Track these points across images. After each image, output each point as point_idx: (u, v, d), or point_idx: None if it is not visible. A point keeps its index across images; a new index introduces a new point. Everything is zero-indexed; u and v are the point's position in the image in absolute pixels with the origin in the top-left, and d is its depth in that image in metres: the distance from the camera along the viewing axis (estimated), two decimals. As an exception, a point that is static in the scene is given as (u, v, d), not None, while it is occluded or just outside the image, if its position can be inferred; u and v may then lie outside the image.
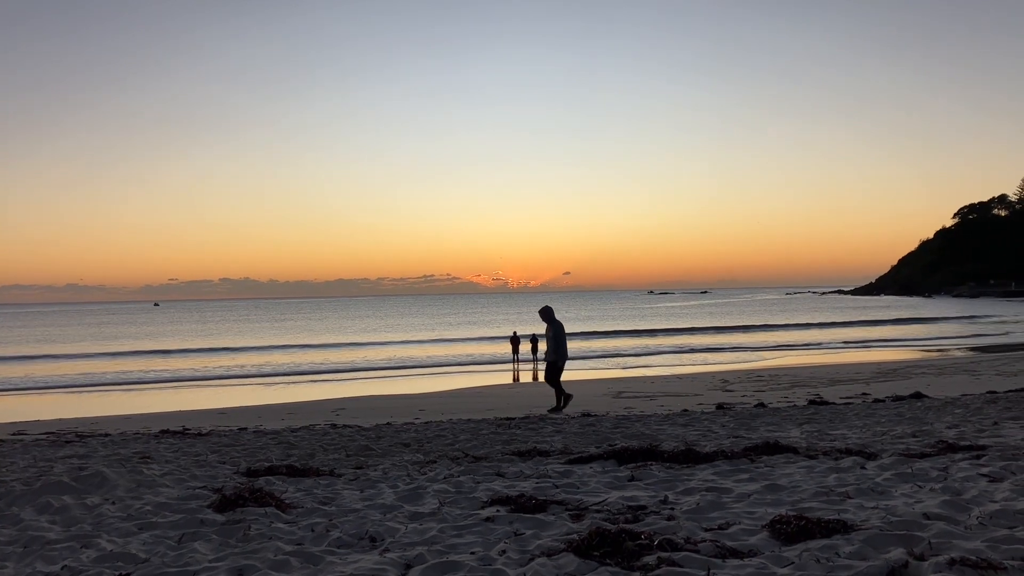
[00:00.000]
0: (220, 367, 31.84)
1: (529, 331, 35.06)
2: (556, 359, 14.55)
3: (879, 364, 26.16)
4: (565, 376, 14.83)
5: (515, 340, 32.21)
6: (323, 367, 32.17)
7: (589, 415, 12.94)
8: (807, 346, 38.64)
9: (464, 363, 33.41)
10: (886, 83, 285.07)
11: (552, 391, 14.88)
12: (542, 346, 32.74)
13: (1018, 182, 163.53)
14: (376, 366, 32.66)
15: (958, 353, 31.78)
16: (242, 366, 32.43)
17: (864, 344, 39.18)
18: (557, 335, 14.53)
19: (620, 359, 33.59)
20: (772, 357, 32.59)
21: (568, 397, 14.62)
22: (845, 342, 40.57)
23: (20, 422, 15.08)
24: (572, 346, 16.16)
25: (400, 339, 50.96)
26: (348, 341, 48.46)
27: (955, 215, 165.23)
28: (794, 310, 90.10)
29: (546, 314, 14.92)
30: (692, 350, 37.34)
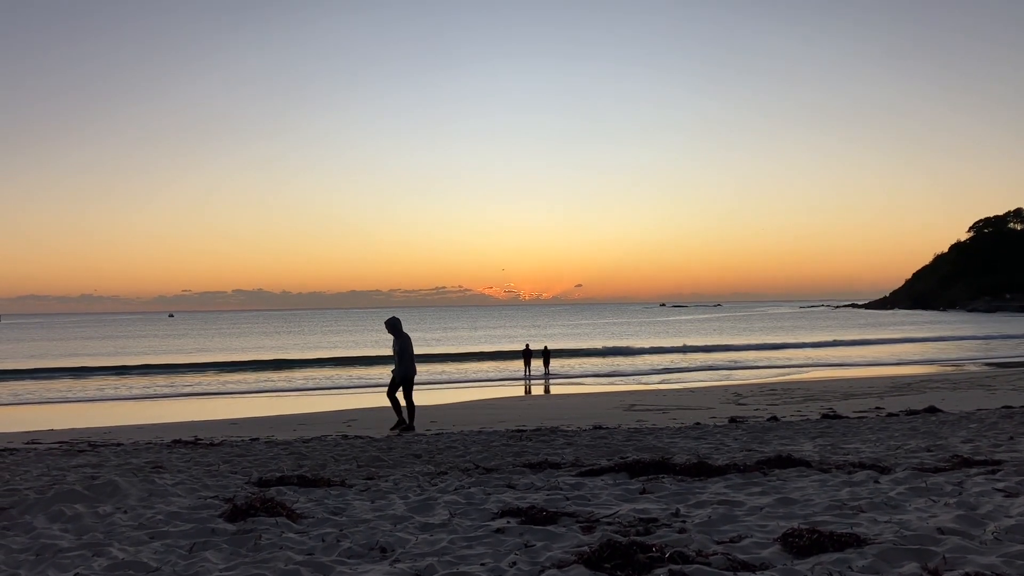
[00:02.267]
0: (234, 378, 31.96)
1: (540, 344, 35.00)
2: (405, 373, 13.68)
3: (893, 378, 25.98)
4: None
5: (527, 353, 32.24)
6: (335, 378, 32.20)
7: (601, 427, 12.90)
8: (822, 365, 38.40)
9: (476, 376, 33.39)
10: (901, 96, 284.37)
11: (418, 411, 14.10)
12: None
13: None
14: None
15: (973, 368, 31.53)
16: (259, 379, 32.53)
17: (877, 361, 38.93)
18: (403, 349, 13.66)
19: (632, 371, 33.48)
20: (786, 371, 32.42)
21: (402, 422, 13.67)
22: (859, 360, 40.31)
23: (34, 431, 15.17)
24: (590, 362, 15.97)
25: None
26: (361, 354, 48.44)
27: (970, 229, 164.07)
28: (809, 325, 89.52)
29: (392, 326, 13.90)
30: (703, 367, 37.16)
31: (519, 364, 33.36)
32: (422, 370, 36.10)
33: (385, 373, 35.22)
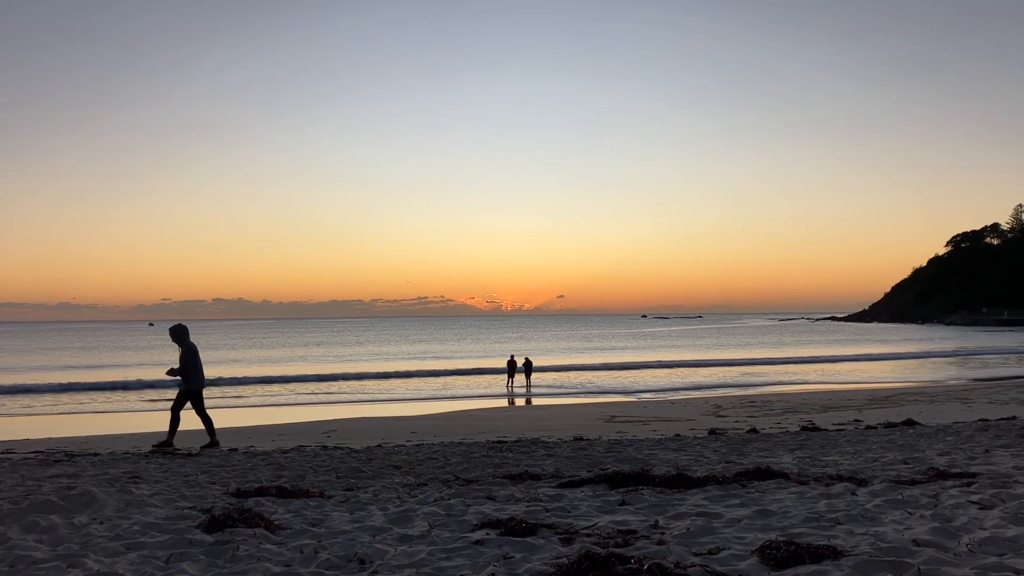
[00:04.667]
0: (213, 389, 31.65)
1: (522, 358, 34.98)
2: (188, 387, 12.64)
3: (872, 391, 26.18)
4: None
5: (511, 364, 32.26)
6: (316, 389, 32.04)
7: (581, 439, 12.92)
8: (801, 382, 38.63)
9: (458, 387, 33.34)
10: (880, 112, 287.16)
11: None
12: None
13: (1010, 211, 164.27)
14: (370, 392, 32.55)
15: (951, 381, 31.83)
16: (237, 389, 32.29)
17: (856, 375, 39.20)
18: (188, 359, 12.65)
19: (613, 383, 33.53)
20: (766, 384, 32.59)
21: (169, 444, 12.42)
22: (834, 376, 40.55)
23: (8, 441, 14.97)
24: (572, 375, 15.80)
25: (397, 364, 50.83)
26: (343, 369, 48.15)
27: (948, 243, 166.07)
28: (792, 339, 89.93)
29: (176, 334, 12.84)
30: (684, 380, 37.30)
31: (502, 379, 33.39)
32: (410, 383, 36.02)
33: (365, 387, 35.24)
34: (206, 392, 13.14)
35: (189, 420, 12.84)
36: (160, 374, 17.53)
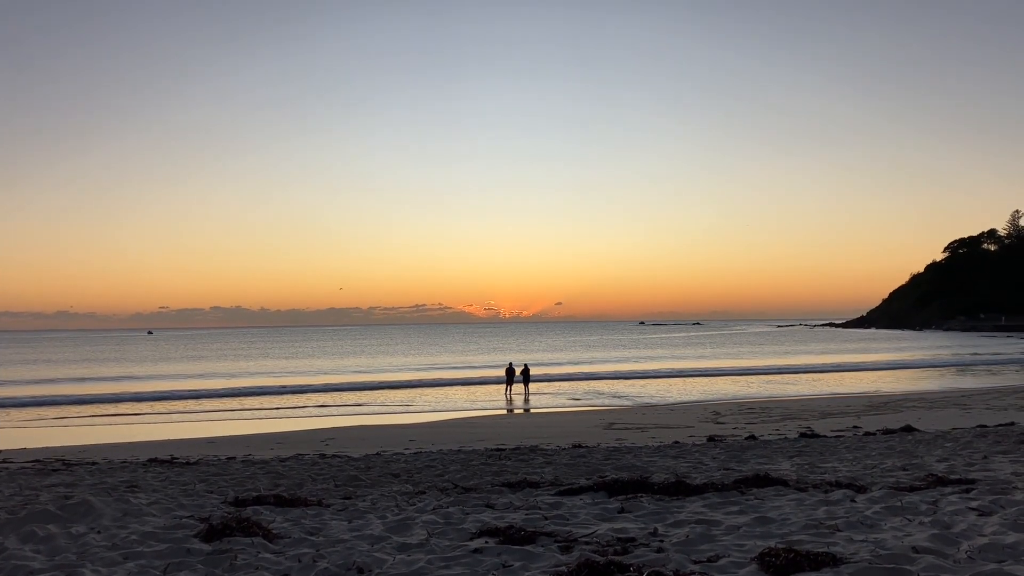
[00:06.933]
0: (211, 398, 31.58)
1: (520, 365, 34.96)
2: None
3: (870, 397, 26.17)
4: None
5: (510, 372, 32.21)
6: (313, 397, 31.99)
7: (580, 446, 12.90)
8: (799, 388, 38.61)
9: (456, 394, 33.30)
10: (877, 118, 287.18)
11: None
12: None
13: (1007, 217, 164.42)
14: (368, 400, 32.49)
15: (949, 387, 31.82)
16: (236, 400, 32.20)
17: (854, 380, 39.18)
18: None
19: (611, 388, 33.50)
20: (764, 390, 32.57)
21: None
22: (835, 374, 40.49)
23: (5, 450, 14.93)
24: (570, 383, 15.70)
25: (395, 374, 50.78)
26: (343, 380, 48.08)
27: (945, 249, 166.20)
28: (791, 345, 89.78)
29: None
30: (683, 386, 37.24)
31: (500, 387, 33.35)
32: (408, 392, 35.96)
33: (363, 395, 35.16)
34: (213, 402, 13.13)
35: (188, 430, 12.82)
36: (159, 385, 17.45)
